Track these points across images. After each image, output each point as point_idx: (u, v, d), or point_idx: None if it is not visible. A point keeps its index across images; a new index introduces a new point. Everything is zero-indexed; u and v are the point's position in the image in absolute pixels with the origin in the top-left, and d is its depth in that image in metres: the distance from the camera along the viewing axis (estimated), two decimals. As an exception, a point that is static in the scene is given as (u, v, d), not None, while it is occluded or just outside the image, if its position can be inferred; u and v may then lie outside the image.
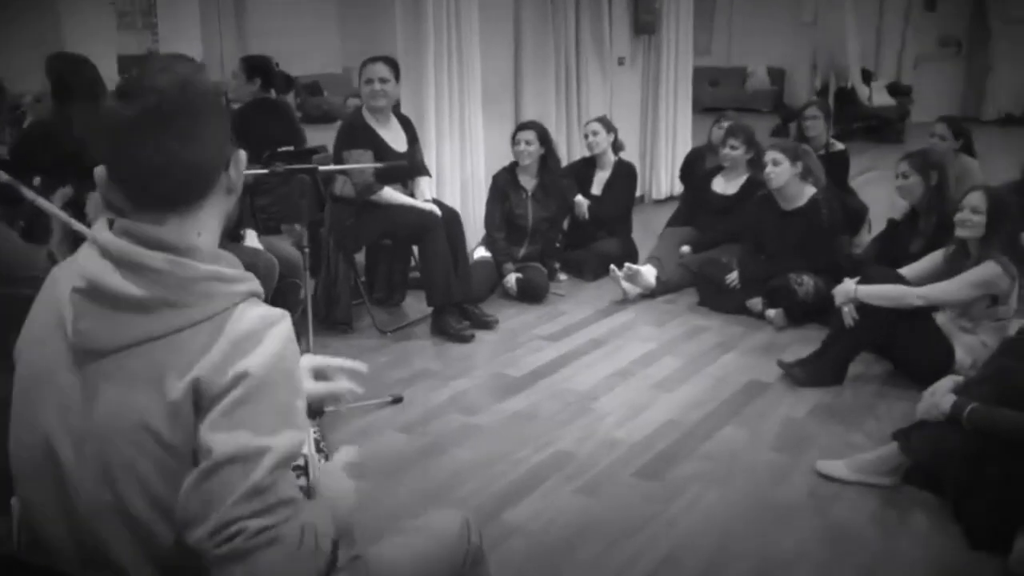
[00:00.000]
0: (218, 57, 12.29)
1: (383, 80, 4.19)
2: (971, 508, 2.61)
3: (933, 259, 3.82)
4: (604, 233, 5.52)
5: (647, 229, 6.00)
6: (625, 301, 4.95)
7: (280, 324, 1.17)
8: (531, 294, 4.93)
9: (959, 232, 3.61)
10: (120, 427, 1.12)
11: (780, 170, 4.53)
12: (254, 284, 1.20)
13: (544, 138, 4.98)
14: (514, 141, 4.99)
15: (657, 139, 7.54)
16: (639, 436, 3.32)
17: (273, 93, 5.21)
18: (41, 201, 2.37)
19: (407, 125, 4.52)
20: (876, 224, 5.49)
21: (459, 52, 5.22)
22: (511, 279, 4.95)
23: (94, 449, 1.14)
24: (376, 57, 4.33)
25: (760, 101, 14.95)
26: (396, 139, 4.38)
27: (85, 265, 1.17)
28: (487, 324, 4.49)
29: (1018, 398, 2.60)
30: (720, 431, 3.37)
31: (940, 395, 2.74)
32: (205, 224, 1.23)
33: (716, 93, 14.78)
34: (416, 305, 4.84)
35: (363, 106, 4.36)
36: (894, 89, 12.44)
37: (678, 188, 7.77)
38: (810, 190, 4.61)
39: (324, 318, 4.37)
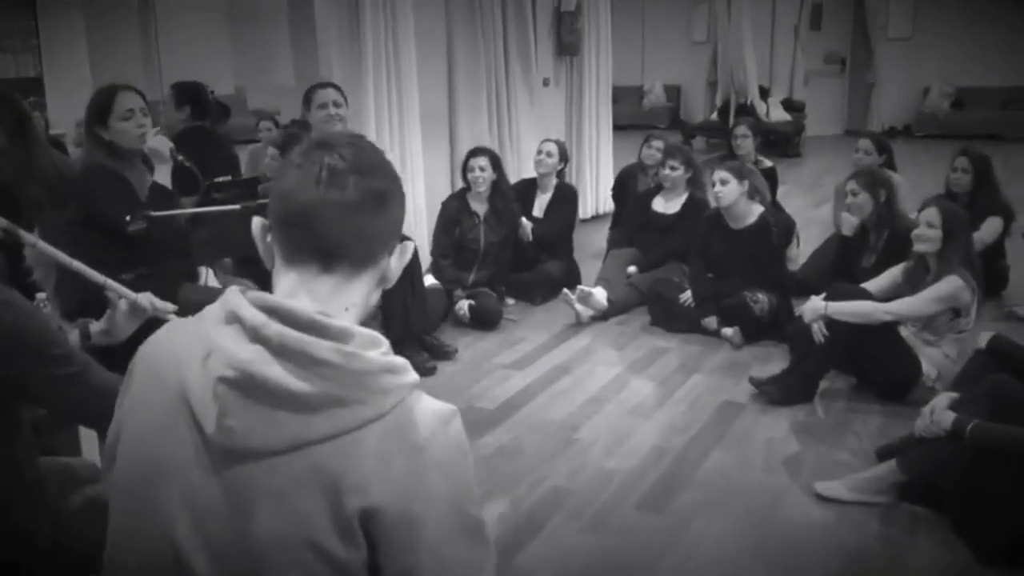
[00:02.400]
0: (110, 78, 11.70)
1: (336, 104, 4.03)
2: (979, 524, 2.65)
3: (892, 274, 3.91)
4: (547, 255, 5.47)
5: (579, 249, 5.97)
6: (579, 324, 4.90)
7: (455, 423, 1.07)
8: (484, 320, 4.82)
9: (917, 247, 3.70)
10: (279, 544, 0.97)
11: (728, 189, 4.58)
12: (415, 374, 1.07)
13: (496, 163, 4.91)
14: (467, 168, 4.89)
15: (582, 159, 7.57)
16: (630, 465, 3.26)
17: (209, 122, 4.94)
18: (67, 259, 2.05)
19: None
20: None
21: (397, 78, 5.10)
22: (463, 306, 4.83)
23: (241, 566, 0.98)
24: (324, 83, 4.16)
25: (657, 118, 15.25)
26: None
27: (232, 350, 1.00)
28: (447, 354, 4.36)
29: (1017, 413, 2.66)
30: (708, 456, 3.34)
31: (939, 412, 2.78)
32: (353, 301, 1.09)
33: (616, 110, 14.93)
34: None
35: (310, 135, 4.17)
36: (788, 105, 12.90)
37: (604, 207, 7.84)
38: (758, 208, 4.68)
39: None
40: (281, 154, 5.23)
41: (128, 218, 3.00)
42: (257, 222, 1.11)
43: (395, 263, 1.13)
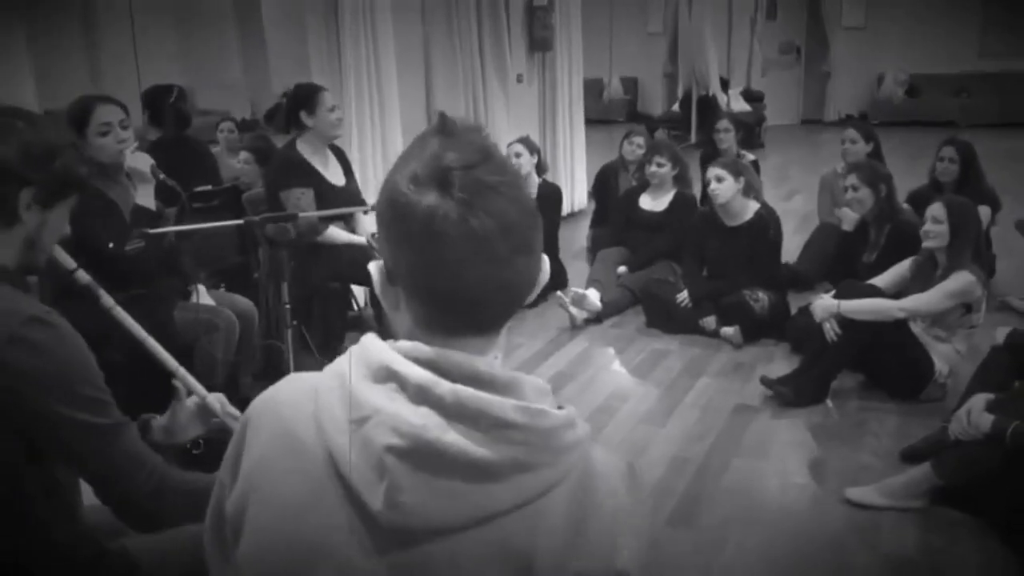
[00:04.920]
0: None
1: (337, 107, 3.84)
2: (1026, 528, 2.59)
3: (899, 270, 3.86)
4: (533, 257, 5.34)
5: (559, 248, 5.85)
6: (573, 328, 4.78)
7: (635, 477, 0.95)
8: (477, 328, 4.67)
9: (925, 244, 3.65)
10: None
11: (724, 187, 4.50)
12: (584, 423, 0.93)
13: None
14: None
15: (556, 155, 7.45)
16: (653, 478, 3.15)
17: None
18: (143, 334, 1.84)
19: (341, 156, 4.17)
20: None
21: (378, 79, 4.92)
22: (455, 314, 4.68)
23: None
24: (319, 85, 3.96)
25: (616, 111, 15.22)
26: (334, 173, 4.03)
27: (398, 414, 0.85)
28: (445, 366, 4.21)
29: (1058, 413, 2.61)
30: (731, 465, 3.25)
31: (976, 414, 2.72)
32: (500, 345, 0.96)
33: (576, 104, 14.93)
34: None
35: (296, 139, 3.98)
36: (748, 95, 12.95)
37: (580, 204, 7.74)
38: (753, 205, 4.61)
39: (263, 372, 3.97)
40: (255, 159, 5.04)
41: (111, 243, 2.81)
42: (377, 271, 0.96)
43: (535, 290, 0.99)
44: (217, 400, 1.80)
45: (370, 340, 0.94)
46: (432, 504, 0.84)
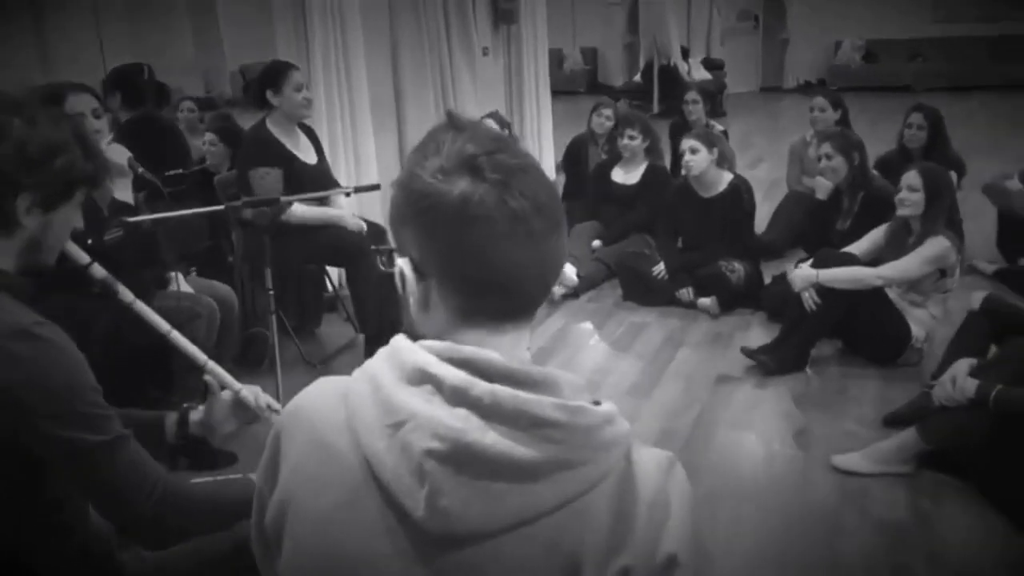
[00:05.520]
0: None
1: (309, 87, 3.76)
2: (1015, 490, 2.65)
3: (873, 237, 3.90)
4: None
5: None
6: (551, 303, 4.78)
7: (677, 470, 0.93)
8: (455, 306, 4.64)
9: (900, 211, 3.69)
10: None
11: (699, 158, 4.50)
12: (625, 420, 0.92)
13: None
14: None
15: (524, 128, 7.40)
16: (642, 452, 3.17)
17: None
18: (167, 327, 1.78)
19: (312, 135, 4.09)
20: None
21: (345, 57, 4.81)
22: (432, 293, 4.64)
23: None
24: (289, 63, 3.87)
25: (576, 82, 15.18)
26: (306, 152, 3.95)
27: (436, 416, 0.83)
28: (425, 346, 4.18)
29: (1041, 376, 2.66)
30: (717, 436, 3.28)
31: (961, 380, 2.76)
32: (527, 340, 0.95)
33: (536, 76, 14.85)
34: (333, 330, 4.47)
35: (266, 118, 3.89)
36: (709, 64, 12.99)
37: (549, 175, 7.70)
38: (727, 176, 4.62)
39: (240, 356, 3.90)
40: (220, 140, 4.92)
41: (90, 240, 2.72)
42: (407, 267, 0.94)
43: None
44: (251, 393, 1.75)
45: (401, 342, 0.92)
46: (475, 507, 0.83)
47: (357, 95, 4.96)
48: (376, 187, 3.41)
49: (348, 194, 3.25)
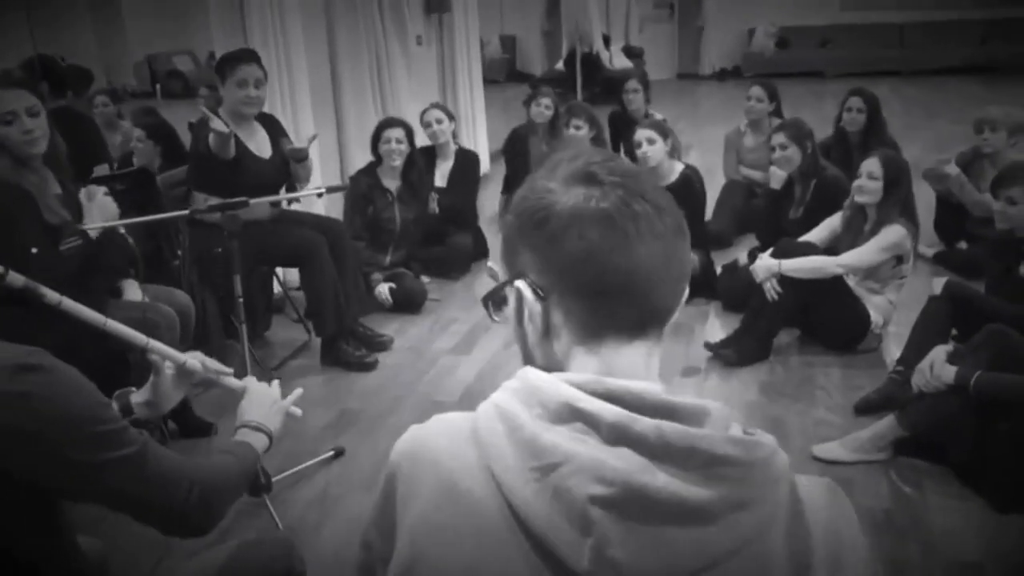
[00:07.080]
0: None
1: (258, 85, 3.57)
2: (992, 473, 2.70)
3: (830, 225, 3.95)
4: (453, 227, 5.21)
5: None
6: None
7: (840, 496, 0.87)
8: (408, 303, 4.53)
9: (858, 198, 3.74)
10: None
11: (656, 148, 4.48)
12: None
13: (411, 135, 4.56)
14: (380, 140, 4.52)
15: (458, 118, 7.27)
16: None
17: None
18: (100, 318, 1.68)
19: (270, 125, 3.88)
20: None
21: (286, 52, 4.63)
22: (384, 290, 4.51)
23: None
24: (246, 53, 3.65)
25: (496, 71, 15.07)
26: (260, 145, 3.77)
27: (596, 458, 0.76)
28: (382, 345, 4.06)
29: (1017, 361, 2.72)
30: (694, 429, 3.26)
31: (939, 367, 2.81)
32: (658, 363, 0.88)
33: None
34: (282, 333, 4.31)
35: (217, 108, 3.70)
36: (629, 51, 13.07)
37: (484, 167, 7.61)
38: (679, 165, 4.62)
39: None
40: (148, 137, 4.67)
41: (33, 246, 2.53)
42: (526, 289, 0.86)
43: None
44: (197, 359, 1.72)
45: (534, 374, 0.84)
46: (647, 556, 0.75)
47: (298, 84, 4.78)
48: (346, 187, 3.29)
49: (320, 194, 3.10)
